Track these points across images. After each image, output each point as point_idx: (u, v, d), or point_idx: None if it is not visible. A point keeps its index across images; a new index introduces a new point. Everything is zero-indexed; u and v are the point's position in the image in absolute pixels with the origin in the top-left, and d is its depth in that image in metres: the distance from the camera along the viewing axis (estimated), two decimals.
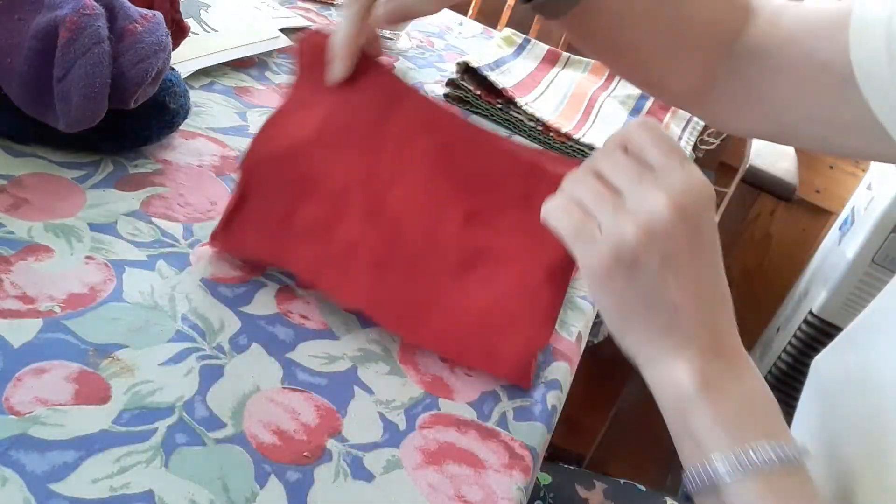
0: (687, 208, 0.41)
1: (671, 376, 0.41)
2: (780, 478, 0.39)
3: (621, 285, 0.41)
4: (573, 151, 0.83)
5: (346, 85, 0.51)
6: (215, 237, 0.50)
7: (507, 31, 1.00)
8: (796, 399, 0.58)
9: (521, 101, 0.84)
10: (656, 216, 0.40)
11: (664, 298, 0.41)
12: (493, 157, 0.53)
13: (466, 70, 0.85)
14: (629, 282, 0.41)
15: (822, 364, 0.52)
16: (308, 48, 0.51)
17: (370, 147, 0.51)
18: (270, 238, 0.49)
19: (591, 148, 0.82)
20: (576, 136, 0.83)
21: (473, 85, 0.85)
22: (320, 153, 0.51)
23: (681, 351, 0.41)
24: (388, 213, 0.50)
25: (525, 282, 0.50)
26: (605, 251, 0.41)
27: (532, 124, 0.83)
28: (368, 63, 0.52)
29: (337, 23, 0.50)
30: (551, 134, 0.83)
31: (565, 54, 1.03)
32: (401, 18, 0.50)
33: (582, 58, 1.04)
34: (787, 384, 1.50)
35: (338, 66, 0.51)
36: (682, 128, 0.97)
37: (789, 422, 0.51)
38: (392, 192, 0.51)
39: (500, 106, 0.84)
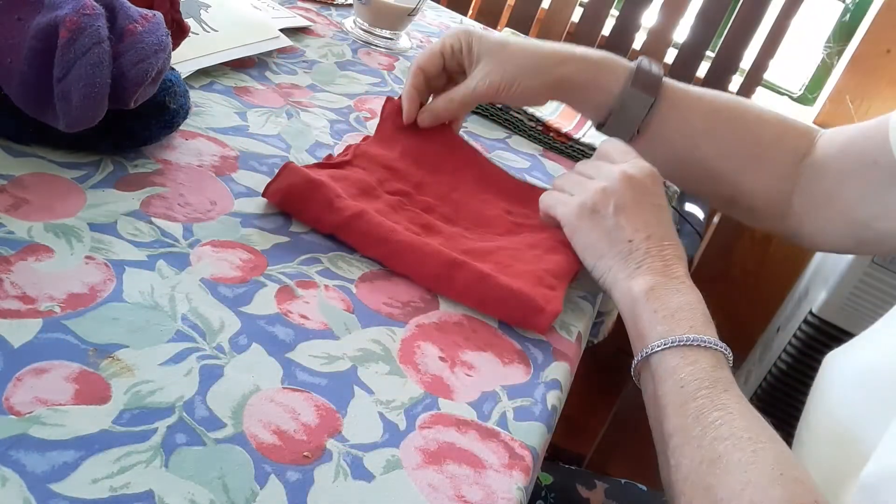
0: (634, 177, 0.58)
1: (628, 289, 0.55)
2: (695, 351, 0.50)
3: (588, 226, 0.58)
4: (573, 151, 0.83)
5: (419, 133, 0.69)
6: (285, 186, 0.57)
7: (507, 31, 1.00)
8: (797, 398, 0.59)
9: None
10: (610, 180, 0.58)
11: (621, 236, 0.57)
12: (519, 184, 0.71)
13: None
14: (593, 223, 0.58)
15: (835, 360, 0.53)
16: (389, 107, 0.70)
17: (433, 168, 0.68)
18: (333, 214, 0.56)
19: (592, 148, 0.82)
20: (576, 136, 0.83)
21: None
22: (393, 168, 0.66)
23: (635, 272, 0.56)
24: (445, 207, 0.65)
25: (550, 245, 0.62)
26: (575, 204, 0.59)
27: (532, 124, 0.83)
28: (441, 127, 0.70)
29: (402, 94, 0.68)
30: (551, 134, 0.83)
31: None
32: (436, 121, 0.68)
33: None
34: (787, 384, 1.50)
35: (405, 113, 0.68)
36: None
37: (797, 415, 0.54)
38: (448, 196, 0.66)
39: (500, 105, 0.84)
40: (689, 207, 1.50)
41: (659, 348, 0.51)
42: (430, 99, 0.70)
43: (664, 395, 0.50)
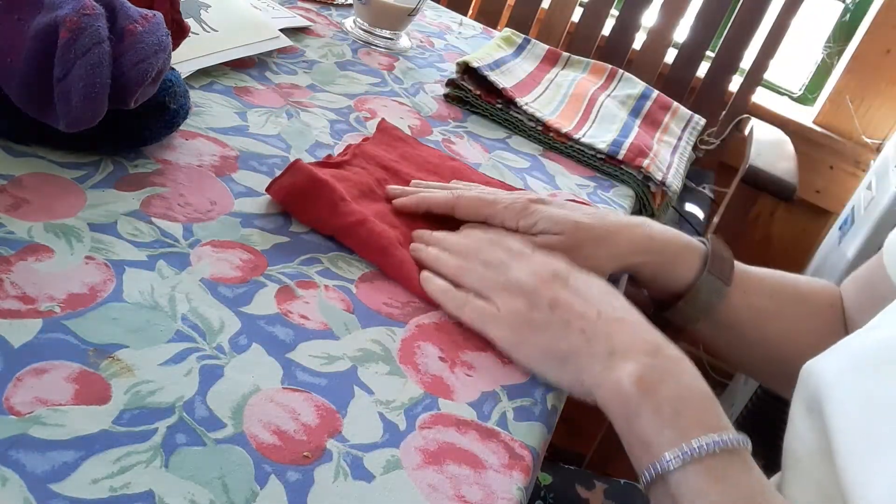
0: (551, 266, 0.54)
1: (615, 385, 0.47)
2: (720, 461, 0.43)
3: (531, 338, 0.51)
4: (573, 151, 0.83)
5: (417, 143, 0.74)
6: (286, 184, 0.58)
7: (507, 31, 1.00)
8: None
9: (520, 101, 0.84)
10: (529, 277, 0.53)
11: (571, 328, 0.50)
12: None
13: (466, 70, 0.85)
14: (534, 331, 0.51)
15: (816, 366, 0.52)
16: (384, 124, 0.74)
17: (432, 171, 0.70)
18: (337, 217, 0.57)
19: (592, 148, 0.82)
20: (576, 136, 0.83)
21: (473, 85, 0.85)
22: (392, 169, 0.67)
23: (610, 360, 0.48)
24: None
25: None
26: (505, 318, 0.52)
27: (532, 124, 0.83)
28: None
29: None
30: (551, 134, 0.83)
31: (565, 54, 1.03)
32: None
33: (582, 58, 1.04)
34: None
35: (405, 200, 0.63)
36: (682, 128, 0.97)
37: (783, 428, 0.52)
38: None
39: (499, 106, 0.84)
40: (689, 207, 1.50)
41: (678, 466, 0.43)
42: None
43: None
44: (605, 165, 0.81)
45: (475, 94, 0.84)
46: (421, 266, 0.56)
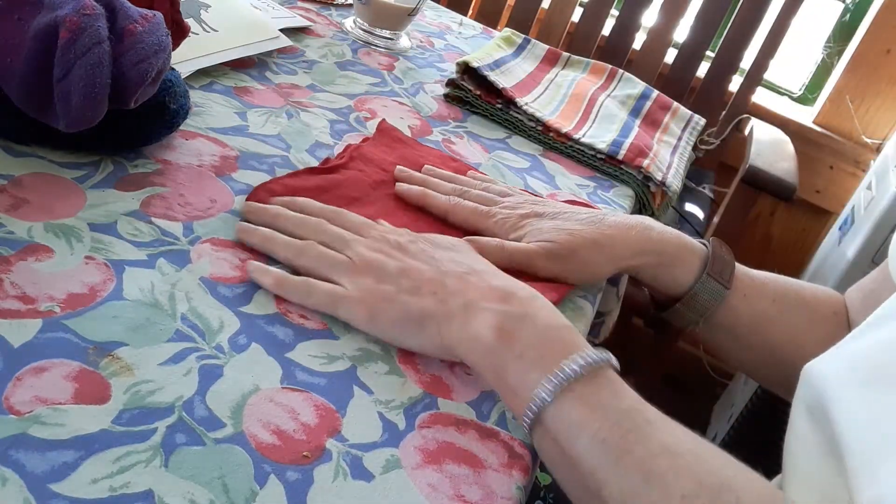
0: (385, 247, 0.53)
1: (474, 340, 0.47)
2: (590, 387, 0.43)
3: (387, 312, 0.49)
4: (573, 151, 0.83)
5: (417, 145, 0.73)
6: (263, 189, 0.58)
7: (507, 31, 1.00)
8: None
9: (520, 101, 0.84)
10: (371, 260, 0.51)
11: (421, 294, 0.49)
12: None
13: (466, 70, 0.85)
14: (389, 305, 0.49)
15: (816, 368, 0.52)
16: (385, 125, 0.74)
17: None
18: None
19: (592, 148, 0.82)
20: (575, 137, 0.83)
21: (473, 85, 0.85)
22: (390, 171, 0.67)
23: (466, 315, 0.48)
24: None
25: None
26: (355, 294, 0.50)
27: (532, 124, 0.83)
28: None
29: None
30: (551, 134, 0.83)
31: (565, 54, 1.03)
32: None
33: (582, 58, 1.04)
34: None
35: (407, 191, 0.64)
36: (681, 128, 0.97)
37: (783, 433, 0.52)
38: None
39: (500, 106, 0.84)
40: (689, 207, 1.50)
41: (549, 400, 0.43)
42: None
43: (583, 457, 0.42)
44: (605, 165, 0.81)
45: (475, 93, 0.84)
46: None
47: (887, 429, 0.43)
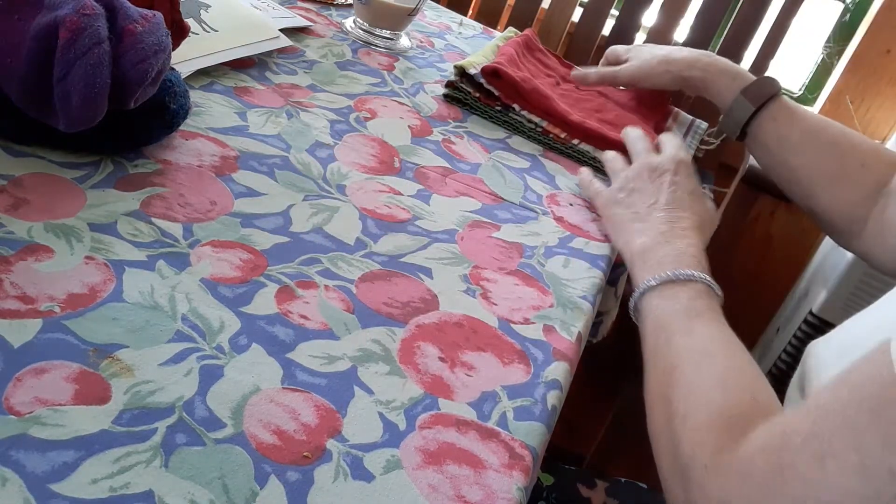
0: (642, 173, 0.72)
1: (627, 249, 0.65)
2: (672, 287, 0.58)
3: (610, 212, 0.71)
4: (572, 153, 0.83)
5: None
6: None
7: (511, 31, 1.00)
8: None
9: (516, 107, 0.84)
10: (623, 176, 0.74)
11: (636, 210, 0.68)
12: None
13: (464, 73, 0.85)
14: (614, 208, 0.70)
15: (815, 348, 0.54)
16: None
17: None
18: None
19: (590, 155, 0.82)
20: (573, 142, 0.83)
21: (472, 88, 0.85)
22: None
23: (639, 234, 0.65)
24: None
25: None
26: (604, 198, 0.73)
27: (532, 126, 0.83)
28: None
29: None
30: (551, 136, 0.83)
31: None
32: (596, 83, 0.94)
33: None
34: (787, 384, 1.50)
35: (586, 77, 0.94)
36: (683, 132, 0.97)
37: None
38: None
39: (498, 108, 0.84)
40: None
41: (643, 291, 0.59)
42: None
43: (645, 335, 0.57)
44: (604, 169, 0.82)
45: (474, 96, 0.84)
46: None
47: None
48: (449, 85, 0.85)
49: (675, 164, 0.72)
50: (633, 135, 0.79)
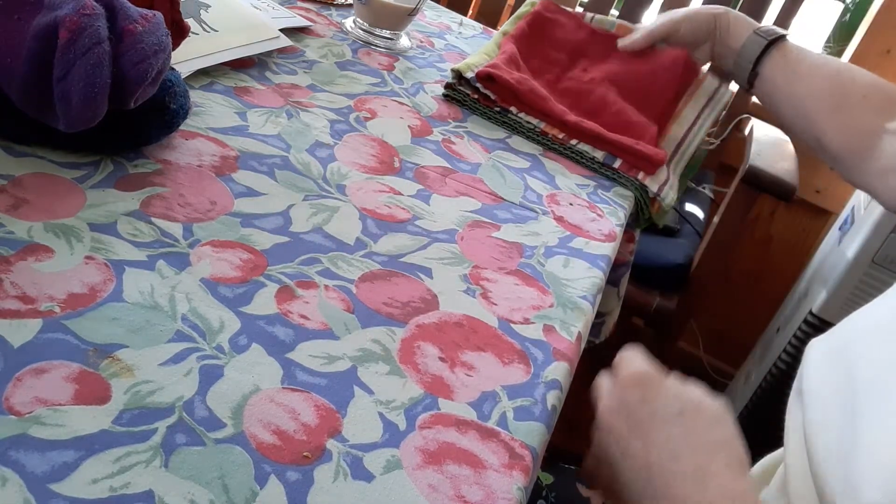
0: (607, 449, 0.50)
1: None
2: None
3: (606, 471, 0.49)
4: (571, 153, 0.83)
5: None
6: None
7: (529, 3, 1.00)
8: None
9: (514, 110, 0.84)
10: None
11: (637, 464, 0.47)
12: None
13: (461, 77, 0.85)
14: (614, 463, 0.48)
15: (814, 346, 0.54)
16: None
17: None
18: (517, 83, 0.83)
19: (588, 155, 0.82)
20: (571, 143, 0.83)
21: (470, 90, 0.85)
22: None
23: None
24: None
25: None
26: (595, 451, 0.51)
27: (531, 126, 0.83)
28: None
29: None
30: (550, 136, 0.83)
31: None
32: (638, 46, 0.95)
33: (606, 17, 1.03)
34: (787, 384, 1.50)
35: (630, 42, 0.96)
36: (700, 107, 0.96)
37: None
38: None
39: (497, 109, 0.84)
40: (690, 208, 1.50)
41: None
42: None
43: None
44: (603, 169, 0.82)
45: (472, 98, 0.84)
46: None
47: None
48: (448, 87, 0.85)
49: (621, 415, 0.50)
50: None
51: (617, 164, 0.82)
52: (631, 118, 0.87)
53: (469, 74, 0.84)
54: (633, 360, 0.52)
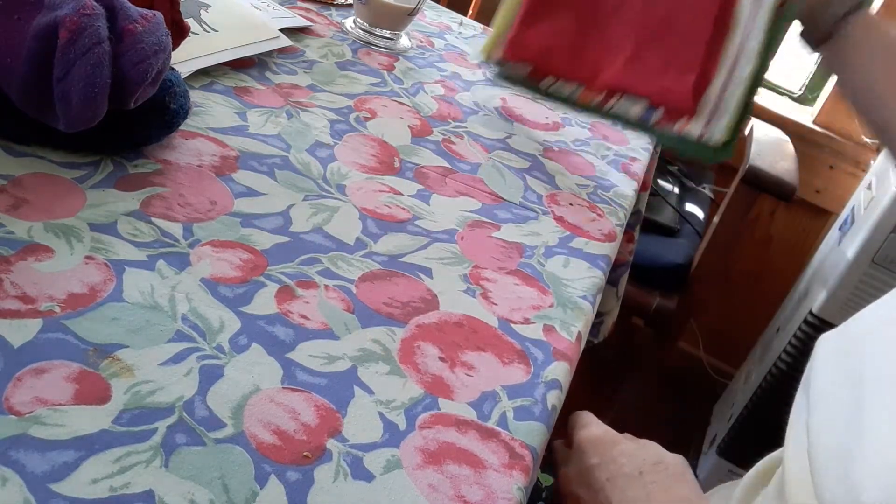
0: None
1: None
2: None
3: None
4: (608, 116, 0.81)
5: None
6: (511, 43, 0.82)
7: None
8: None
9: (543, 84, 0.82)
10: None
11: None
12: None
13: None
14: None
15: (823, 341, 0.54)
16: None
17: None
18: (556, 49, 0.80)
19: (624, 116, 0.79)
20: (607, 108, 0.79)
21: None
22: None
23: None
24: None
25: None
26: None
27: (567, 94, 0.81)
28: None
29: None
30: (589, 102, 0.81)
31: None
32: None
33: None
34: (787, 384, 1.50)
35: None
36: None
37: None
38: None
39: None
40: (690, 207, 1.50)
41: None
42: None
43: None
44: (641, 129, 0.80)
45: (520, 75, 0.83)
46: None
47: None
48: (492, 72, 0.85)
49: (581, 483, 0.53)
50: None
51: (655, 116, 0.78)
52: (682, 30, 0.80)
53: (494, 60, 0.83)
54: (587, 424, 0.53)
